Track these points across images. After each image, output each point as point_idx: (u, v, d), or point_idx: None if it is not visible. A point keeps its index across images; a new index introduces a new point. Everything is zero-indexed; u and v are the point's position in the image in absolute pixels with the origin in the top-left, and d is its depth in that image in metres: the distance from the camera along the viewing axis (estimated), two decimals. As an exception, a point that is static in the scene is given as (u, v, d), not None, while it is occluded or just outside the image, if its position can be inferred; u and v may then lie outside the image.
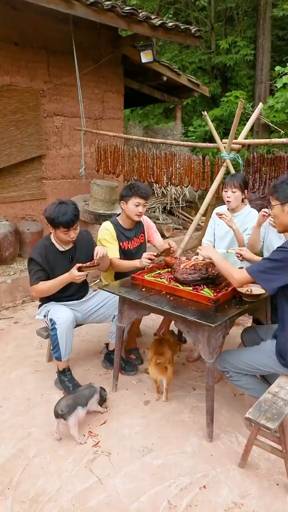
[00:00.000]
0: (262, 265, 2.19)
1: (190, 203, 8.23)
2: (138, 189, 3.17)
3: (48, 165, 5.80)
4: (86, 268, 2.82)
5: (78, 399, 2.53)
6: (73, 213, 2.80)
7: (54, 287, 2.87)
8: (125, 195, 3.21)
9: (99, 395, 2.67)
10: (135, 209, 3.18)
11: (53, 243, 2.96)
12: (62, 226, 2.79)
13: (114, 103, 6.58)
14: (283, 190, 2.22)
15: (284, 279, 2.14)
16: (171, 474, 2.24)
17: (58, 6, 4.44)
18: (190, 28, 5.91)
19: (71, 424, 2.44)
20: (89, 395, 2.61)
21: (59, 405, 2.46)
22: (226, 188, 3.37)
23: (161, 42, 12.04)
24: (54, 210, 2.78)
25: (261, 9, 10.24)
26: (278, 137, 7.61)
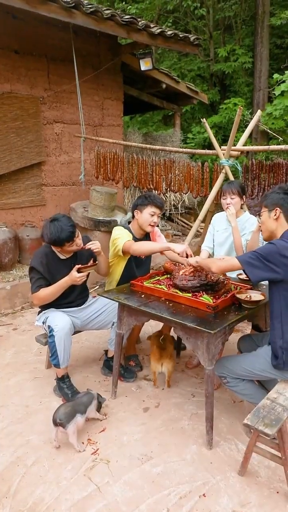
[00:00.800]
0: (251, 256, 2.23)
1: (189, 210, 8.26)
2: (154, 198, 3.17)
3: (48, 172, 5.82)
4: (85, 268, 2.83)
5: (77, 407, 2.52)
6: (69, 225, 2.78)
7: (55, 293, 2.87)
8: (140, 204, 3.19)
9: (97, 401, 2.66)
10: (150, 218, 3.16)
11: (53, 251, 2.96)
12: (66, 242, 2.80)
13: (114, 110, 6.62)
14: (271, 198, 2.33)
15: (269, 274, 2.18)
16: (170, 482, 2.23)
17: (58, 15, 4.49)
18: (189, 36, 5.96)
19: (70, 432, 2.42)
20: (88, 402, 2.60)
21: (57, 413, 2.44)
22: (225, 196, 3.40)
23: (160, 50, 12.15)
24: (50, 232, 2.76)
25: (259, 17, 10.35)
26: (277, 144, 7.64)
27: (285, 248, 2.15)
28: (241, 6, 10.92)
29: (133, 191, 7.44)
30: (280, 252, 2.15)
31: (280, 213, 2.29)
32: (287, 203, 2.29)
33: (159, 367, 2.99)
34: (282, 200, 2.29)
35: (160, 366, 2.99)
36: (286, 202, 2.29)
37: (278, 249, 2.16)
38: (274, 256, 2.15)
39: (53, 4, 4.37)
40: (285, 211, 2.29)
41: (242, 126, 8.04)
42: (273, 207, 2.31)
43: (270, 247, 2.19)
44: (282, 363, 2.24)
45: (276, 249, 2.16)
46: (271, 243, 2.21)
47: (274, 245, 2.19)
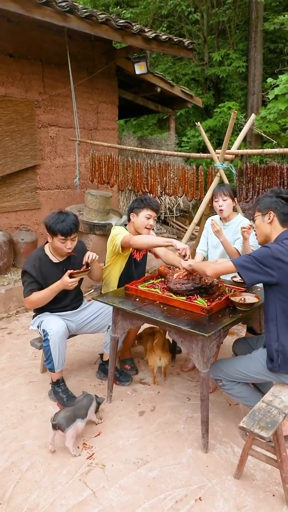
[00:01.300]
0: (246, 259, 2.24)
1: (184, 213, 8.28)
2: (150, 201, 3.17)
3: (43, 175, 5.82)
4: (78, 274, 2.82)
5: (78, 411, 2.51)
6: (72, 223, 2.80)
7: (47, 297, 2.86)
8: (136, 207, 3.19)
9: (96, 403, 2.66)
10: (146, 221, 3.16)
11: (47, 254, 2.96)
12: (59, 233, 2.78)
13: (109, 114, 6.64)
14: (264, 202, 2.35)
15: (263, 276, 2.19)
16: (166, 486, 2.22)
17: (53, 19, 4.50)
18: (183, 40, 6.00)
19: (68, 436, 2.41)
20: (88, 404, 2.60)
21: (57, 416, 2.44)
22: (217, 198, 3.42)
23: (155, 54, 12.21)
24: (53, 217, 2.80)
25: (253, 22, 10.44)
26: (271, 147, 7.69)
27: (280, 251, 2.16)
28: (234, 11, 11.01)
29: (128, 194, 7.44)
30: (274, 255, 2.16)
31: (273, 217, 2.30)
32: (280, 206, 2.30)
33: (157, 361, 3.09)
34: (274, 204, 2.31)
35: (159, 360, 3.09)
36: (279, 205, 2.30)
37: (272, 252, 2.17)
38: (268, 259, 2.16)
39: (47, 8, 4.39)
40: (279, 215, 2.30)
41: (236, 129, 8.10)
42: (267, 211, 2.32)
43: (264, 251, 2.20)
44: (277, 366, 2.25)
45: (270, 253, 2.17)
46: (265, 247, 2.23)
47: (268, 248, 2.20)
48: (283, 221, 2.31)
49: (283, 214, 2.30)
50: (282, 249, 2.18)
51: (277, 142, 7.61)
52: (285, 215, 2.30)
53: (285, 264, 2.15)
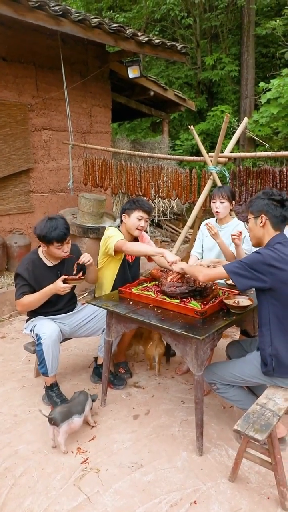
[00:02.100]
0: (238, 265, 2.24)
1: (178, 216, 8.30)
2: (142, 203, 3.19)
3: (36, 179, 5.81)
4: (72, 281, 2.81)
5: (74, 408, 2.53)
6: (64, 227, 2.80)
7: (39, 300, 2.85)
8: (128, 208, 3.21)
9: (91, 401, 2.67)
10: (138, 222, 3.17)
11: (40, 257, 2.94)
12: (55, 241, 2.77)
13: (102, 117, 6.65)
14: (256, 205, 2.34)
15: (255, 282, 2.20)
16: (161, 490, 2.21)
17: (46, 23, 4.51)
18: (176, 45, 6.03)
19: (62, 431, 2.43)
20: (85, 400, 2.61)
21: (53, 411, 2.46)
22: (215, 199, 3.43)
23: (148, 58, 12.26)
24: (44, 226, 2.77)
25: (245, 27, 10.53)
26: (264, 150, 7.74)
27: (271, 257, 2.17)
28: (227, 16, 11.10)
29: (121, 197, 7.45)
30: (265, 261, 2.16)
31: (266, 220, 2.30)
32: (272, 209, 2.29)
33: (153, 350, 3.24)
34: (266, 207, 2.30)
35: (155, 350, 3.25)
36: (271, 208, 2.29)
37: (263, 258, 2.17)
38: (259, 265, 2.17)
39: (40, 12, 4.39)
40: (271, 218, 2.29)
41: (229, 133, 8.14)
42: (259, 214, 2.32)
43: (256, 257, 2.20)
44: (271, 369, 2.25)
45: (261, 259, 2.17)
46: (257, 253, 2.23)
47: (259, 254, 2.20)
48: (275, 224, 2.30)
49: (275, 217, 2.29)
50: (274, 254, 2.17)
51: (270, 146, 7.68)
52: (277, 218, 2.30)
53: (277, 270, 2.15)
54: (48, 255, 2.93)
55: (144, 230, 3.33)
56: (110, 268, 3.24)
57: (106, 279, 3.27)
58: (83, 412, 2.56)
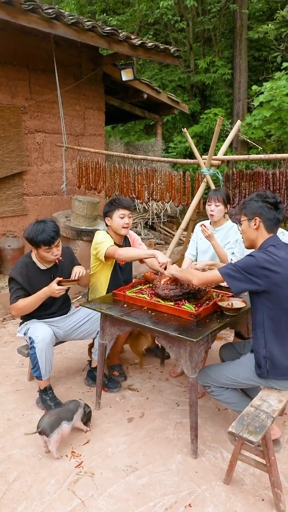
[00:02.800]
0: (232, 268, 2.25)
1: (172, 218, 8.31)
2: (120, 201, 3.18)
3: (30, 181, 5.79)
4: (67, 283, 2.80)
5: (63, 414, 2.50)
6: (52, 230, 2.77)
7: (34, 303, 2.84)
8: (108, 210, 3.20)
9: (83, 410, 2.63)
10: (121, 221, 3.16)
11: (34, 261, 2.93)
12: (42, 244, 2.76)
13: (95, 120, 6.65)
14: (250, 207, 2.34)
15: (249, 285, 2.20)
16: (156, 493, 2.20)
17: (39, 26, 4.50)
18: (169, 48, 6.05)
19: (53, 441, 2.40)
20: (75, 409, 2.58)
21: (41, 421, 2.43)
22: (210, 202, 3.44)
23: (141, 61, 12.30)
24: (32, 230, 2.76)
25: (237, 31, 10.61)
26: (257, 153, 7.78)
27: (265, 260, 2.17)
28: (219, 19, 11.17)
29: (115, 200, 7.43)
30: (259, 264, 2.16)
31: (259, 223, 2.30)
32: (266, 212, 2.29)
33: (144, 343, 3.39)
34: (260, 209, 2.29)
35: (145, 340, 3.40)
36: (264, 210, 2.29)
37: (257, 261, 2.17)
38: (253, 268, 2.17)
39: (34, 15, 4.39)
40: (264, 220, 2.30)
41: (222, 135, 8.18)
42: (253, 216, 2.32)
43: (250, 260, 2.21)
44: (265, 371, 2.25)
45: (255, 262, 2.18)
46: (251, 256, 2.23)
47: (253, 257, 2.20)
48: (269, 226, 2.31)
49: (269, 219, 2.30)
50: (267, 257, 2.18)
51: (263, 148, 7.72)
52: (271, 221, 2.30)
53: (271, 272, 2.15)
54: (41, 258, 2.92)
55: (136, 233, 3.33)
56: (103, 273, 3.23)
57: (100, 284, 3.26)
58: (72, 420, 2.52)
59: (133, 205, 3.42)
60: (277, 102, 6.83)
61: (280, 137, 7.66)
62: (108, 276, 3.23)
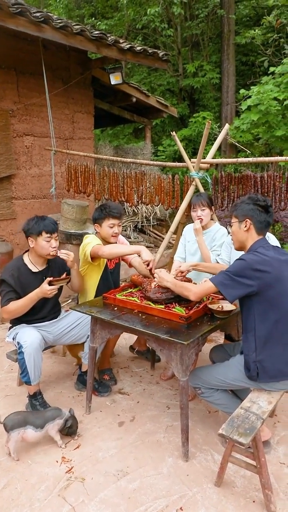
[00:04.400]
0: (224, 276, 2.26)
1: (161, 221, 8.32)
2: (110, 209, 3.13)
3: (18, 185, 5.75)
4: (57, 282, 2.79)
5: (32, 418, 2.46)
6: (53, 222, 2.87)
7: (26, 306, 2.81)
8: (98, 218, 3.17)
9: (63, 422, 2.54)
10: (110, 230, 3.14)
11: (25, 263, 2.92)
12: (44, 231, 2.80)
13: (84, 124, 6.64)
14: (241, 209, 2.36)
15: (244, 290, 2.21)
16: (147, 497, 2.19)
17: (27, 29, 4.49)
18: (157, 52, 6.08)
19: (12, 439, 2.39)
20: (50, 418, 2.51)
21: (8, 416, 2.43)
22: (195, 208, 3.46)
23: (130, 64, 12.34)
24: (32, 220, 2.85)
25: (225, 36, 10.71)
26: (245, 156, 7.86)
27: (255, 261, 2.19)
28: (207, 24, 11.28)
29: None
30: (251, 266, 2.17)
31: (250, 225, 2.32)
32: (257, 214, 2.32)
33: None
34: (252, 211, 2.32)
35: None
36: (256, 213, 2.32)
37: (248, 264, 2.19)
38: (245, 271, 2.18)
39: (22, 18, 4.37)
40: (255, 223, 2.32)
41: (211, 139, 8.23)
42: (243, 218, 2.34)
43: (240, 264, 2.22)
44: (255, 375, 2.26)
45: (246, 264, 2.19)
46: (240, 259, 2.24)
47: (243, 260, 2.22)
48: (259, 229, 2.33)
49: (260, 222, 2.32)
50: (258, 258, 2.20)
51: (251, 152, 7.79)
52: (261, 223, 2.33)
53: (262, 273, 2.17)
54: (34, 259, 2.90)
55: (126, 236, 3.33)
56: (91, 276, 3.22)
57: (89, 287, 3.25)
58: (41, 428, 2.46)
59: (123, 211, 3.40)
60: (264, 106, 6.90)
61: (268, 141, 7.74)
62: (97, 279, 3.22)
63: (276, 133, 7.09)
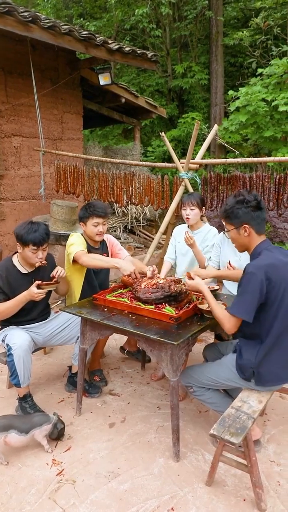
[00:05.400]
0: (242, 302, 2.17)
1: (151, 222, 8.33)
2: (94, 208, 3.14)
3: (7, 186, 5.70)
4: (46, 286, 2.77)
5: (17, 423, 2.44)
6: (44, 233, 2.80)
7: (13, 308, 2.79)
8: (82, 217, 3.19)
9: (52, 427, 2.52)
10: (95, 229, 3.16)
11: (15, 265, 2.89)
12: (31, 243, 2.75)
13: (73, 124, 6.62)
14: (234, 216, 2.30)
15: (259, 300, 2.15)
16: (138, 498, 2.19)
17: (15, 29, 4.45)
18: (146, 53, 6.08)
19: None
20: (37, 424, 2.48)
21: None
22: (185, 207, 3.47)
23: (119, 65, 12.33)
24: (25, 227, 2.77)
25: (213, 37, 10.77)
26: (234, 157, 7.92)
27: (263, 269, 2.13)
28: (196, 26, 11.32)
29: (94, 204, 7.40)
30: (263, 276, 2.12)
31: (249, 229, 2.27)
32: (252, 217, 2.26)
33: None
34: (246, 215, 2.26)
35: None
36: (251, 216, 2.26)
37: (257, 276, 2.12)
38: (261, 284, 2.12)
39: (9, 17, 4.34)
40: (253, 225, 2.27)
41: (200, 139, 8.28)
42: (240, 224, 2.28)
43: (252, 279, 2.13)
44: (250, 379, 2.27)
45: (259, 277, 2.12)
46: (250, 273, 2.15)
47: (253, 274, 2.14)
48: (258, 228, 2.29)
49: (257, 222, 2.28)
50: (263, 263, 2.15)
51: (240, 152, 7.85)
52: (259, 223, 2.29)
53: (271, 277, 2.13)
54: (23, 261, 2.88)
55: (116, 237, 3.33)
56: (77, 276, 3.22)
57: (74, 287, 3.24)
58: (26, 433, 2.43)
59: (109, 210, 3.39)
60: (252, 107, 6.96)
61: (256, 141, 7.80)
62: (81, 280, 3.22)
63: (265, 134, 7.15)
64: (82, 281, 3.22)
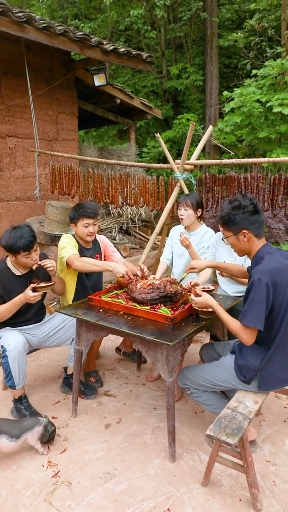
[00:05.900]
0: (254, 311, 2.13)
1: (146, 223, 8.34)
2: (84, 209, 3.14)
3: (1, 187, 5.68)
4: (41, 288, 2.76)
5: (7, 428, 2.41)
6: (30, 235, 2.76)
7: (9, 310, 2.78)
8: (73, 217, 3.20)
9: (44, 430, 2.50)
10: (85, 230, 3.16)
11: (8, 267, 2.88)
12: (22, 250, 2.73)
13: (68, 125, 6.60)
14: (232, 222, 2.28)
15: (267, 307, 2.13)
16: (134, 499, 2.19)
17: (9, 29, 4.44)
18: (141, 53, 6.09)
19: None
20: (27, 428, 2.46)
21: None
22: (180, 207, 3.48)
23: (114, 66, 12.34)
24: (9, 237, 2.71)
25: (208, 38, 10.81)
26: (229, 157, 7.93)
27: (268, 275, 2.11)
28: (191, 27, 11.36)
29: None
30: (269, 282, 2.10)
31: (248, 234, 2.26)
32: (249, 221, 2.25)
33: None
34: (244, 221, 2.25)
35: None
36: (248, 221, 2.24)
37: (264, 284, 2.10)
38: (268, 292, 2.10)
39: (4, 18, 4.32)
40: (252, 230, 2.26)
41: (195, 140, 8.29)
42: (239, 230, 2.26)
43: (259, 288, 2.11)
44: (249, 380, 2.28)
45: (265, 286, 2.10)
46: (258, 280, 2.12)
47: (260, 280, 2.11)
48: (257, 232, 2.28)
49: (256, 227, 2.27)
50: (268, 268, 2.14)
51: (234, 153, 7.87)
52: (257, 228, 2.27)
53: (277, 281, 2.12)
54: (17, 265, 2.87)
55: (111, 238, 3.33)
56: (69, 278, 3.22)
57: (68, 289, 3.24)
58: (18, 438, 2.41)
59: (99, 211, 3.38)
60: (247, 108, 6.98)
61: (251, 142, 7.82)
62: (74, 282, 3.22)
63: (259, 134, 7.17)
64: (75, 283, 3.22)
